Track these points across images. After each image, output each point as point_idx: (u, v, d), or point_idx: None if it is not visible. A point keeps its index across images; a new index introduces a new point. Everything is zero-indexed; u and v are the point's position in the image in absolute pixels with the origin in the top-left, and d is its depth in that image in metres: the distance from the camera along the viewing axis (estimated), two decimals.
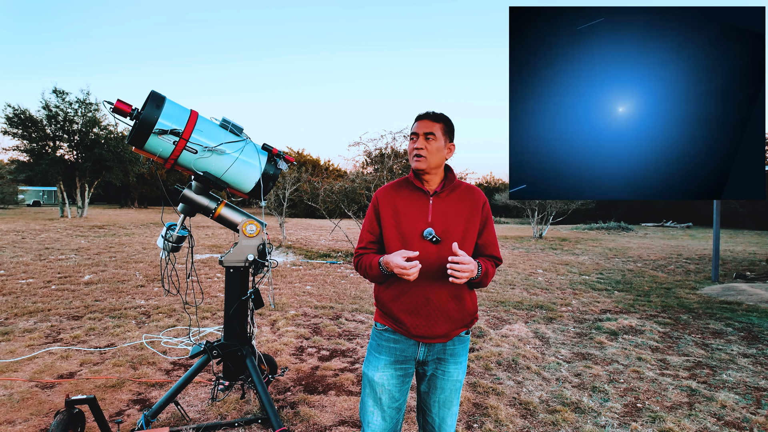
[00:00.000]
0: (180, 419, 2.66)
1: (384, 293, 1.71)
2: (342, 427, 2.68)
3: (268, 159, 2.49)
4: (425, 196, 1.70)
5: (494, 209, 29.84)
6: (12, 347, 3.80)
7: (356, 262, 1.75)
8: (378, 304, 1.75)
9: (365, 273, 1.69)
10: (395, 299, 1.67)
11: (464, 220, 1.68)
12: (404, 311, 1.65)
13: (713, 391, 3.28)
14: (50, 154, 22.17)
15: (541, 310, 5.71)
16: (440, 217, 1.67)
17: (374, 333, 1.78)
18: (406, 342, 1.69)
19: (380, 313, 1.75)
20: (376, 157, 11.41)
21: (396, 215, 1.69)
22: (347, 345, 4.16)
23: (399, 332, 1.69)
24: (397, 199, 1.71)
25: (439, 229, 1.64)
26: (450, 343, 1.71)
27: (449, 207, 1.69)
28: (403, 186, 1.75)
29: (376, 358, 1.72)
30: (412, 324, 1.65)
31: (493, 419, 2.81)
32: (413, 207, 1.69)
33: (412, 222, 1.66)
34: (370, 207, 1.79)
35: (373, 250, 1.75)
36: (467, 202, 1.72)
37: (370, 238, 1.75)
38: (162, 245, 2.49)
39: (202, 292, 6.07)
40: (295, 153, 36.15)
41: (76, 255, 9.25)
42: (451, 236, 1.65)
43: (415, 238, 1.64)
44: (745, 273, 8.78)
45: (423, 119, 1.69)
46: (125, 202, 45.46)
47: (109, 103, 2.21)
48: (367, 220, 1.78)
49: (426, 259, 1.61)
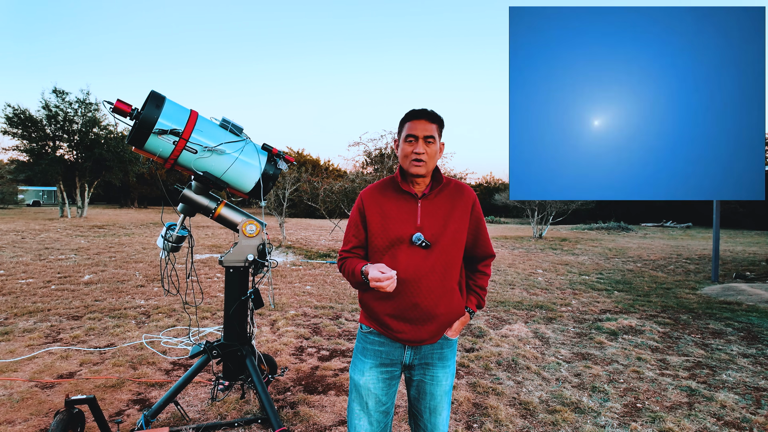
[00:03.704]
0: (180, 419, 2.66)
1: (369, 295, 1.65)
2: (342, 427, 2.68)
3: (268, 159, 2.49)
4: (413, 198, 1.63)
5: (494, 209, 29.85)
6: (12, 347, 3.80)
7: (340, 265, 1.70)
8: (363, 306, 1.70)
9: (348, 278, 1.64)
10: (381, 302, 1.62)
11: (454, 222, 1.63)
12: (390, 315, 1.60)
13: (713, 391, 3.28)
14: (50, 154, 22.14)
15: (540, 310, 5.71)
16: (429, 221, 1.60)
17: (360, 335, 1.73)
18: (391, 345, 1.65)
19: (365, 315, 1.70)
20: (375, 157, 11.43)
21: (383, 219, 1.62)
22: (347, 345, 4.16)
23: (384, 335, 1.65)
24: (384, 202, 1.65)
25: (428, 233, 1.58)
26: (437, 346, 1.67)
27: (438, 209, 1.63)
28: (389, 187, 1.67)
29: (361, 362, 1.68)
30: (398, 329, 1.60)
31: (493, 419, 2.81)
32: (401, 210, 1.62)
33: (400, 226, 1.60)
34: (355, 209, 1.71)
35: (358, 255, 1.69)
36: (457, 201, 1.66)
37: (354, 242, 1.68)
38: (162, 245, 2.49)
39: (202, 292, 6.06)
40: (294, 153, 36.14)
41: (76, 255, 9.25)
42: (441, 239, 1.60)
43: (404, 243, 1.58)
44: (745, 273, 8.78)
45: (420, 119, 1.59)
46: (125, 202, 45.45)
47: (109, 103, 2.21)
48: (352, 223, 1.70)
49: (415, 264, 1.57)
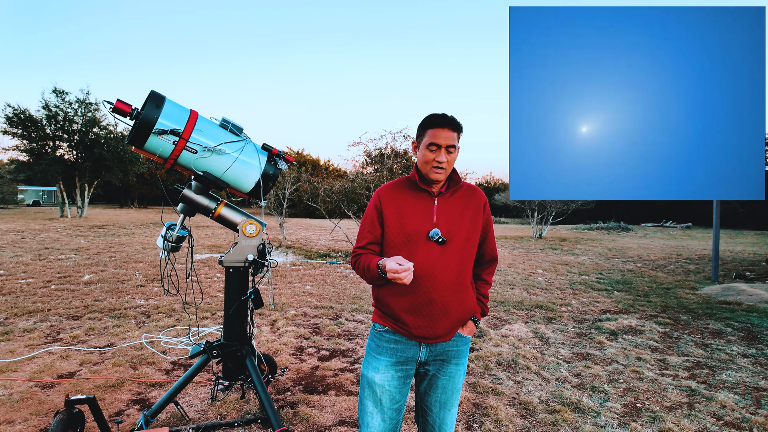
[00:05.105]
0: (180, 419, 2.66)
1: (385, 289, 1.67)
2: (342, 427, 2.68)
3: (268, 159, 2.49)
4: (430, 196, 1.68)
5: (494, 209, 29.84)
6: (12, 347, 3.80)
7: (354, 261, 1.71)
8: (378, 303, 1.72)
9: (363, 274, 1.66)
10: (397, 298, 1.64)
11: (468, 221, 1.68)
12: (406, 311, 1.63)
13: (713, 391, 3.28)
14: (50, 154, 22.14)
15: (540, 310, 5.71)
16: (445, 218, 1.65)
17: (373, 334, 1.75)
18: (407, 343, 1.67)
19: (379, 313, 1.72)
20: (375, 157, 11.42)
21: (400, 215, 1.65)
22: (347, 345, 4.16)
23: (400, 333, 1.66)
24: (401, 200, 1.68)
25: (444, 230, 1.62)
26: (453, 343, 1.70)
27: (453, 207, 1.68)
28: (406, 186, 1.72)
29: (375, 359, 1.70)
30: (413, 324, 1.62)
31: (493, 419, 2.81)
32: (418, 207, 1.66)
33: (417, 222, 1.63)
34: (371, 206, 1.73)
35: (373, 251, 1.71)
36: (470, 202, 1.71)
37: (369, 238, 1.70)
38: (162, 245, 2.49)
39: (202, 292, 6.06)
40: (294, 153, 36.15)
41: (76, 255, 9.25)
42: (456, 236, 1.63)
43: (421, 239, 1.62)
44: (744, 273, 8.78)
45: (444, 128, 1.60)
46: (125, 202, 45.46)
47: (108, 103, 2.21)
48: (367, 220, 1.72)
49: (431, 259, 1.60)
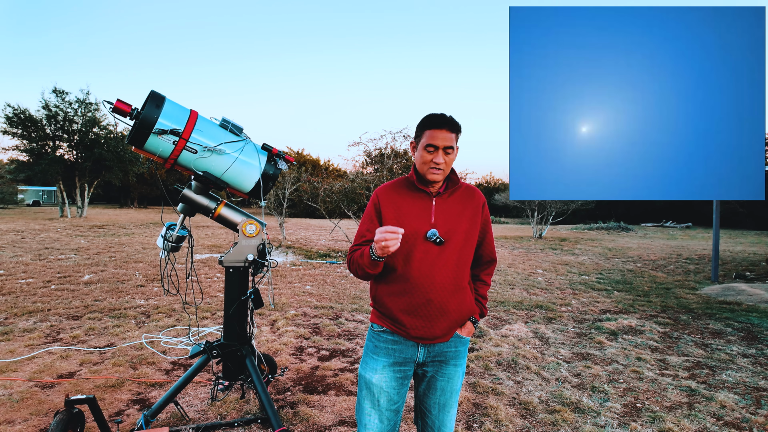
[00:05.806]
0: (180, 419, 2.66)
1: (383, 289, 1.67)
2: (341, 427, 2.69)
3: (268, 159, 2.49)
4: (428, 196, 1.67)
5: (494, 209, 29.84)
6: (11, 347, 3.80)
7: (349, 258, 1.69)
8: (375, 303, 1.71)
9: (357, 264, 1.61)
10: (395, 298, 1.63)
11: (466, 221, 1.67)
12: (404, 311, 1.62)
13: (713, 391, 3.28)
14: (50, 154, 22.13)
15: (540, 310, 5.71)
16: (443, 218, 1.64)
17: (371, 334, 1.74)
18: (405, 343, 1.67)
19: (377, 314, 1.72)
20: (375, 157, 11.43)
21: (398, 215, 1.65)
22: (347, 345, 4.16)
23: (397, 333, 1.65)
24: (399, 199, 1.68)
25: (442, 230, 1.62)
26: (451, 344, 1.69)
27: (452, 208, 1.67)
28: (404, 186, 1.71)
29: (373, 360, 1.69)
30: (411, 325, 1.62)
31: (493, 419, 2.81)
32: (416, 207, 1.66)
33: (415, 222, 1.63)
34: (370, 206, 1.72)
35: None
36: (468, 202, 1.70)
37: (368, 236, 1.68)
38: (162, 245, 2.49)
39: (202, 292, 6.06)
40: (294, 153, 36.12)
41: (76, 255, 9.25)
42: (454, 237, 1.63)
43: (419, 239, 1.61)
44: (744, 273, 8.78)
45: (442, 129, 1.59)
46: (125, 202, 45.44)
47: (108, 103, 2.21)
48: (366, 219, 1.71)
49: (429, 260, 1.60)
